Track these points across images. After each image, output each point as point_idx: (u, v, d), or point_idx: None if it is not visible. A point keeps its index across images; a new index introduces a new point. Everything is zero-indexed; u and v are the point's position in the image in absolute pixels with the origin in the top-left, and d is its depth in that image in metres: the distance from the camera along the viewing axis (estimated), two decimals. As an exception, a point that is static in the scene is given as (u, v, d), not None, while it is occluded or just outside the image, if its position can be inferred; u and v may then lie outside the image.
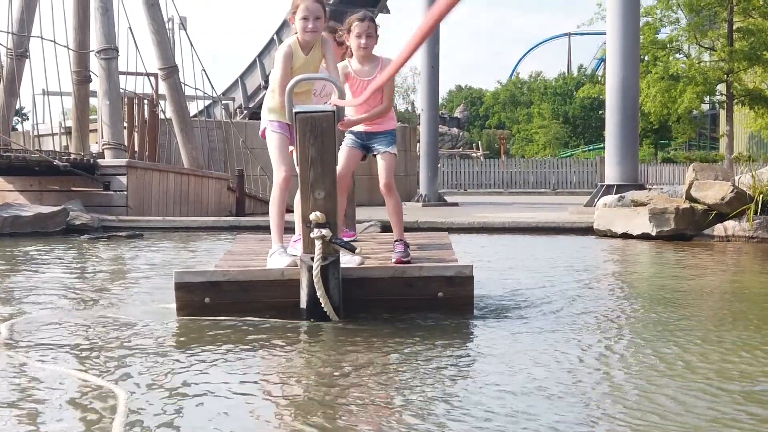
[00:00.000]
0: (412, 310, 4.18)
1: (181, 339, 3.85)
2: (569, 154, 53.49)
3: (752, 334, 3.85)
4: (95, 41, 13.59)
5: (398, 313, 4.16)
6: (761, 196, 9.69)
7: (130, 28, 14.71)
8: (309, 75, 4.36)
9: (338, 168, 4.86)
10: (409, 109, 59.16)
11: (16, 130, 20.37)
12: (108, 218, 11.82)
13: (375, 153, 4.88)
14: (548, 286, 5.47)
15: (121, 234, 10.22)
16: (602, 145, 36.71)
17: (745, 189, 10.05)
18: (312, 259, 3.96)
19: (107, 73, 13.22)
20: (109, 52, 13.23)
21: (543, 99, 62.32)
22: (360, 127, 4.84)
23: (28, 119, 30.83)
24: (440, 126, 29.53)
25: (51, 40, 13.24)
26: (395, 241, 4.71)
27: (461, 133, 52.70)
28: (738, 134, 39.06)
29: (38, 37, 13.23)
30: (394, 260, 4.53)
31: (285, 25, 23.85)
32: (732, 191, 9.79)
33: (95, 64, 13.91)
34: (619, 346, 3.64)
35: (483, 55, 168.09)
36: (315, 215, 3.93)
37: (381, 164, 4.81)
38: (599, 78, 50.16)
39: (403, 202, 21.07)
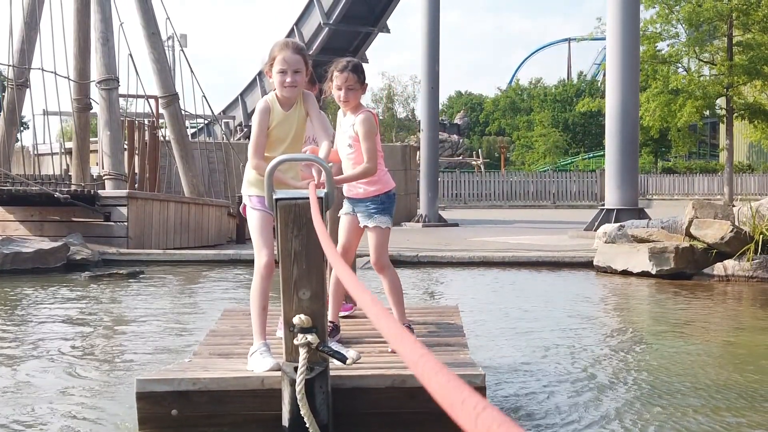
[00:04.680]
0: (415, 425, 3.57)
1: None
2: (569, 161, 53.50)
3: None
4: (96, 71, 13.61)
5: (398, 429, 3.59)
6: (761, 236, 9.68)
7: (131, 55, 14.74)
8: (292, 156, 3.85)
9: (339, 241, 4.45)
10: (409, 116, 59.21)
11: (18, 140, 20.38)
12: (108, 251, 11.84)
13: (360, 225, 4.32)
14: (554, 363, 5.14)
15: (120, 272, 10.21)
16: (602, 152, 36.76)
17: (744, 222, 10.03)
18: (295, 369, 3.33)
19: (108, 103, 13.24)
20: (110, 83, 13.25)
21: (543, 106, 62.29)
22: (345, 191, 4.35)
23: (28, 128, 31.00)
24: (440, 133, 29.53)
25: (52, 72, 13.26)
26: None
27: (461, 140, 52.74)
28: (738, 143, 39.07)
29: (39, 69, 13.26)
30: (390, 350, 4.11)
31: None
32: (732, 230, 9.76)
33: (96, 93, 13.93)
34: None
35: (483, 60, 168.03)
36: (299, 318, 3.33)
37: (369, 239, 4.28)
38: (599, 84, 50.14)
39: (403, 222, 20.72)
